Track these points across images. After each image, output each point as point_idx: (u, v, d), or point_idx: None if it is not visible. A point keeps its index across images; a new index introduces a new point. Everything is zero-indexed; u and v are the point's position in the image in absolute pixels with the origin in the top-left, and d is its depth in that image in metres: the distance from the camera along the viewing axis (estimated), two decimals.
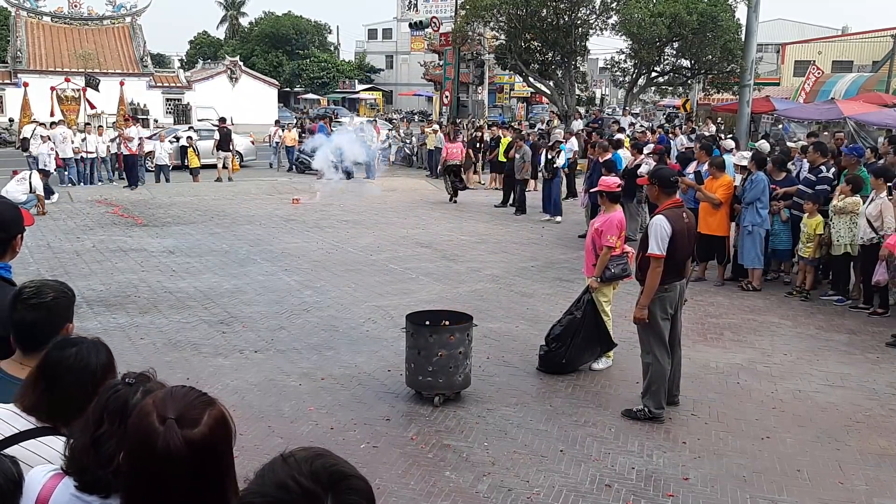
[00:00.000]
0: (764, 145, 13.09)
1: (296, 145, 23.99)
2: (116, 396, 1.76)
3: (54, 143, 17.34)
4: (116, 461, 1.61)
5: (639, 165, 12.76)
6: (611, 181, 6.74)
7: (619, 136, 16.62)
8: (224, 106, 33.88)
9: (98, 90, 20.32)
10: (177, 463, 1.40)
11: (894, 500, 4.54)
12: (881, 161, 10.03)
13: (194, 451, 1.41)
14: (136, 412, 1.49)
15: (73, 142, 18.24)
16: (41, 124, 19.46)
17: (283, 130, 24.70)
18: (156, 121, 31.93)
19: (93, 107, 20.56)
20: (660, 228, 5.39)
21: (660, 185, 5.64)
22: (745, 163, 9.83)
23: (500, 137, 19.13)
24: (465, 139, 21.05)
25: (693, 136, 19.03)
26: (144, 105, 33.53)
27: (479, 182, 20.55)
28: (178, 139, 22.63)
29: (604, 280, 6.48)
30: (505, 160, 17.46)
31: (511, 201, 16.28)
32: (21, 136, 18.53)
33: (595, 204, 12.19)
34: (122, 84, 21.40)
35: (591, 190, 8.11)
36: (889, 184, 8.33)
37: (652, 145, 14.31)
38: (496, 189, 18.70)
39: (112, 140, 19.50)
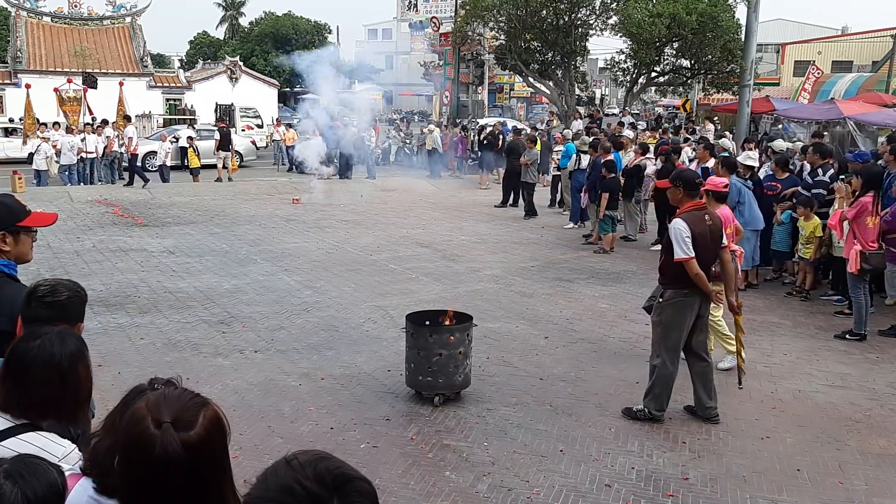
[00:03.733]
0: (779, 143, 12.95)
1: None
2: None
3: (63, 150, 17.89)
4: None
5: (639, 165, 12.77)
6: (718, 181, 6.60)
7: (628, 132, 16.52)
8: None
9: (95, 87, 20.30)
10: (175, 466, 1.40)
11: (894, 500, 4.54)
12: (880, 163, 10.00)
13: (191, 453, 1.41)
14: (128, 417, 1.47)
15: (80, 150, 18.61)
16: (43, 127, 19.54)
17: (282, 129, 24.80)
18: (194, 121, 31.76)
19: (91, 113, 20.54)
20: (678, 232, 5.26)
21: (684, 188, 5.49)
22: (750, 162, 9.81)
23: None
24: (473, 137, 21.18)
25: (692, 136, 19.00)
26: (191, 106, 33.61)
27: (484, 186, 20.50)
28: (177, 139, 22.64)
29: (715, 280, 6.42)
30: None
31: (511, 201, 16.24)
32: (29, 152, 19.17)
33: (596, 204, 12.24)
34: (121, 84, 21.35)
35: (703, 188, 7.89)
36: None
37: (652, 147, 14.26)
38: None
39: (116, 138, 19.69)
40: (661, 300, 5.49)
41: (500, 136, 20.26)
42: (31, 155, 18.78)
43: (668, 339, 5.44)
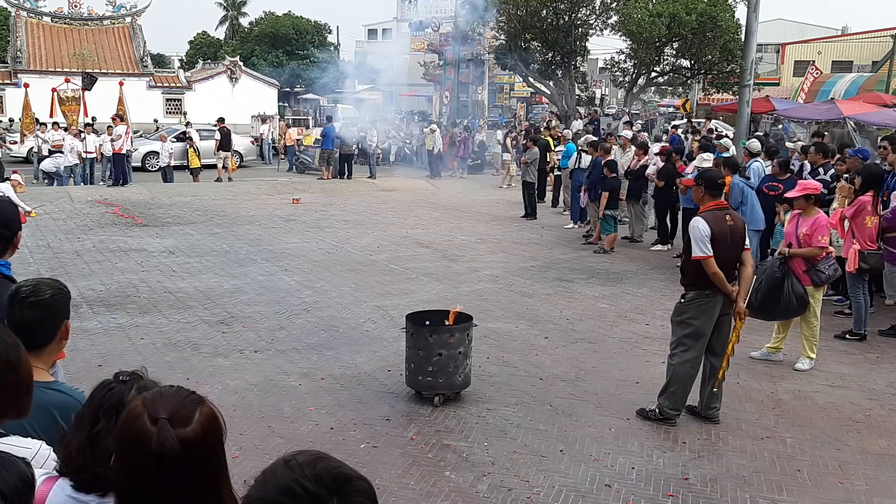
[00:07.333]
0: (754, 143, 12.98)
1: (296, 145, 24.05)
2: (111, 394, 1.76)
3: (62, 152, 17.95)
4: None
5: (644, 166, 12.76)
6: (813, 184, 6.79)
7: (626, 132, 16.50)
8: (224, 106, 33.83)
9: (90, 89, 20.29)
10: (171, 463, 1.40)
11: (894, 500, 4.54)
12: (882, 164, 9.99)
13: (188, 449, 1.41)
14: (125, 414, 1.47)
15: (80, 153, 18.65)
16: (44, 127, 19.55)
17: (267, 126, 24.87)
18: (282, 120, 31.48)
19: (86, 114, 20.57)
20: (697, 230, 5.25)
21: (706, 187, 5.47)
22: (706, 165, 9.81)
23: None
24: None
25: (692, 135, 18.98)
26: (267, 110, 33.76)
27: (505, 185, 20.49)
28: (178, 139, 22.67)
29: (817, 284, 6.58)
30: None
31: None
32: (39, 153, 19.34)
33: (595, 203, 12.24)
34: (121, 84, 21.38)
35: (788, 195, 7.99)
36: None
37: (658, 146, 14.21)
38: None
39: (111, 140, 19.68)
40: (682, 300, 5.46)
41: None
42: (42, 157, 19.00)
43: (687, 338, 5.38)
